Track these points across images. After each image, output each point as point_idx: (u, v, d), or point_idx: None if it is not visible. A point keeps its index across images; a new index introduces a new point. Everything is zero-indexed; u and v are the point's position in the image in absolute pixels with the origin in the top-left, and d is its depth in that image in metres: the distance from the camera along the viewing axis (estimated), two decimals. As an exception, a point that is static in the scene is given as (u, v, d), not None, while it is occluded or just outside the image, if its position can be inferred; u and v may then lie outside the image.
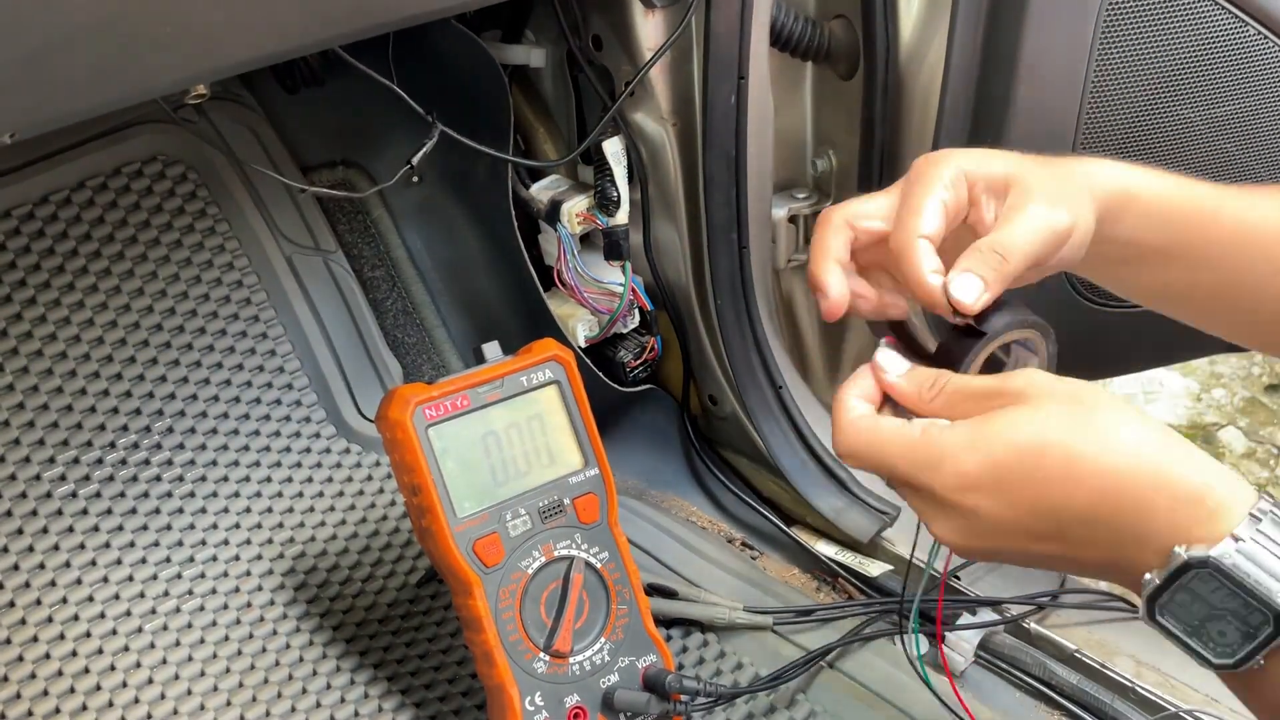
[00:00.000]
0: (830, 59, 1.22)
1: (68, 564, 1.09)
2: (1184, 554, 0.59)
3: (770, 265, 1.27)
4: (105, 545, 1.11)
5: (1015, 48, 1.09)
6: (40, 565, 1.08)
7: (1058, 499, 0.61)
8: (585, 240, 1.28)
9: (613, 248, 1.25)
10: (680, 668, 1.06)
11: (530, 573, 0.93)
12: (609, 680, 0.95)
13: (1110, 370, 1.57)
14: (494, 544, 0.92)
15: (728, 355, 1.25)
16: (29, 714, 0.99)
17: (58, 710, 1.00)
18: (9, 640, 1.03)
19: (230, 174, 1.29)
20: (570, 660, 0.93)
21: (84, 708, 1.00)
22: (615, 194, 1.23)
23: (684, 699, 0.96)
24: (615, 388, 1.31)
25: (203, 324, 1.24)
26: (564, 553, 0.95)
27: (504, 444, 0.95)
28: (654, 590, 1.12)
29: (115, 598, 1.08)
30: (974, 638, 1.09)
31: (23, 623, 1.04)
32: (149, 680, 1.03)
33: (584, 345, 1.28)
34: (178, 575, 1.12)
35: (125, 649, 1.05)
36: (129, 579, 1.10)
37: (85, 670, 1.03)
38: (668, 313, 1.30)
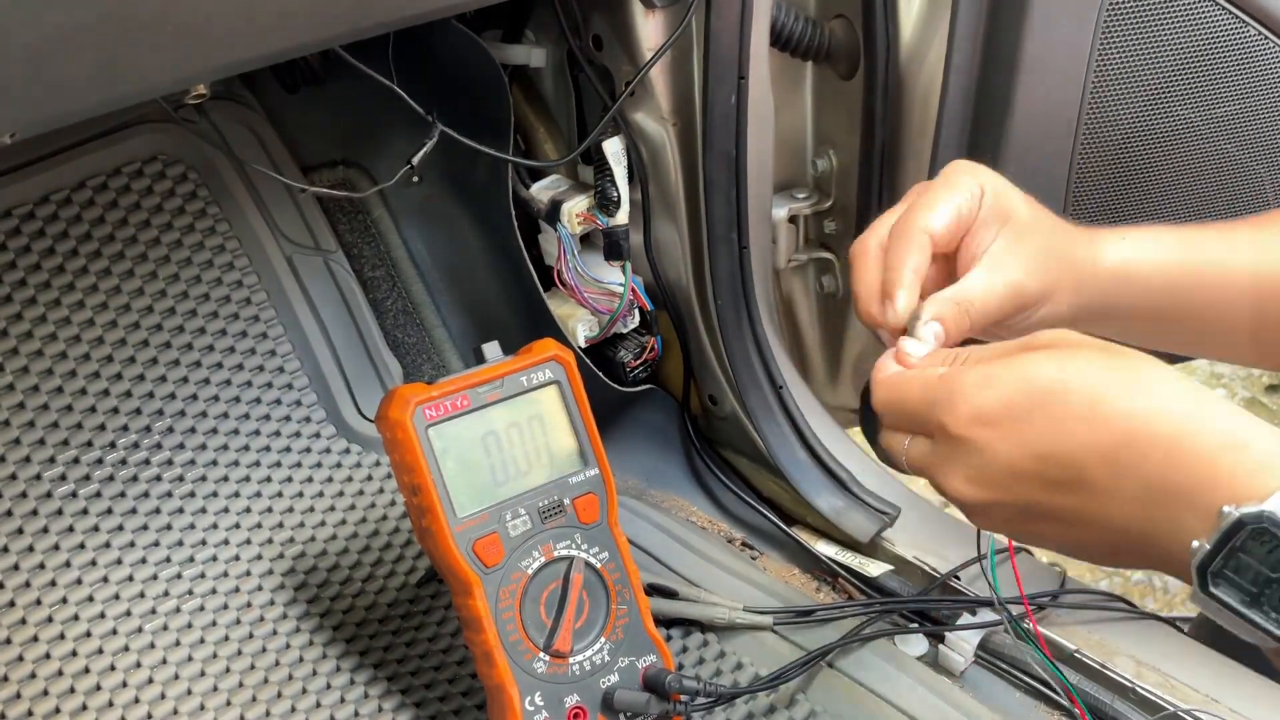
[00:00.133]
0: (830, 59, 1.22)
1: (68, 564, 1.09)
2: (1235, 511, 0.54)
3: (771, 265, 1.27)
4: (105, 545, 1.11)
5: (1016, 47, 1.09)
6: (40, 565, 1.08)
7: (1080, 440, 0.57)
8: (585, 240, 1.28)
9: (613, 248, 1.25)
10: (680, 668, 1.06)
11: (530, 573, 0.93)
12: (609, 680, 0.95)
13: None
14: (494, 544, 0.92)
15: (728, 355, 1.25)
16: (29, 714, 0.99)
17: (58, 710, 1.00)
18: (9, 640, 1.03)
19: (230, 174, 1.29)
20: (570, 660, 0.93)
21: (84, 707, 1.00)
22: (615, 194, 1.23)
23: (684, 699, 0.96)
24: (615, 388, 1.31)
25: (203, 324, 1.24)
26: (564, 553, 0.95)
27: (504, 444, 0.95)
28: (654, 590, 1.11)
29: (115, 597, 1.08)
30: (974, 638, 1.09)
31: (23, 622, 1.04)
32: (149, 680, 1.03)
33: (584, 345, 1.28)
34: (178, 575, 1.12)
35: (125, 649, 1.05)
36: (129, 579, 1.10)
37: (85, 670, 1.03)
38: (668, 313, 1.30)
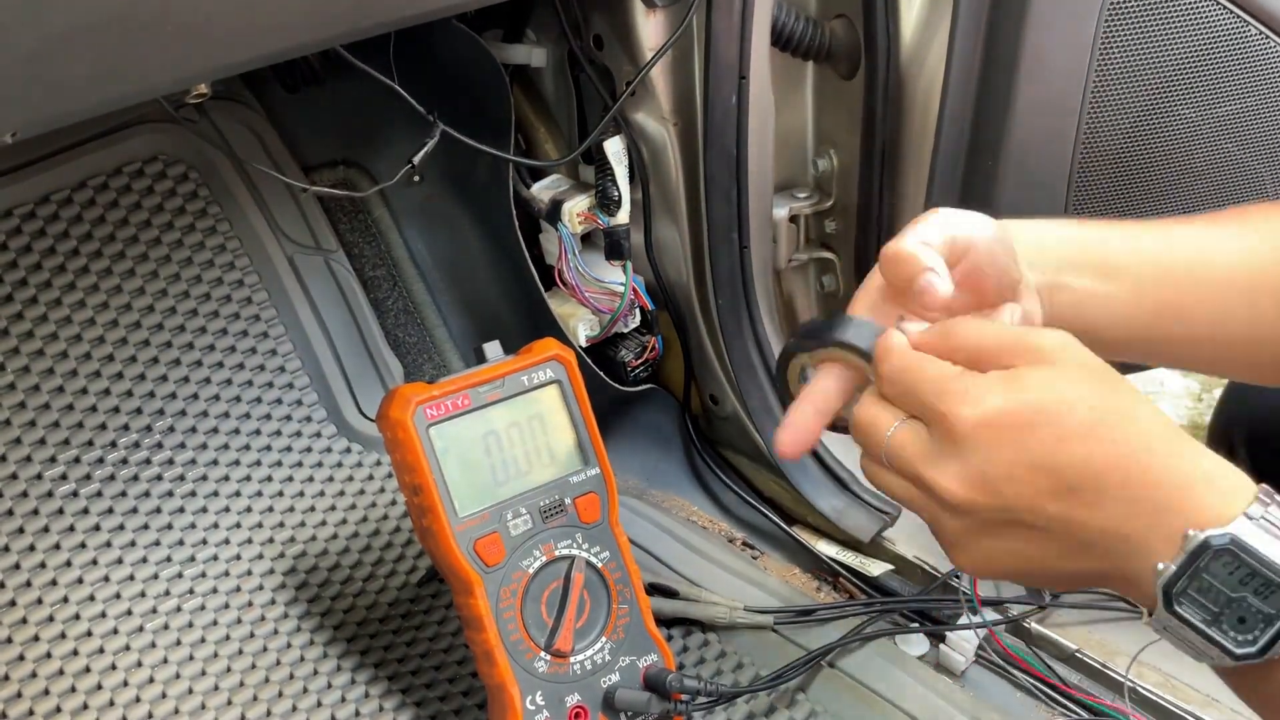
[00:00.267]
0: (831, 59, 1.22)
1: (69, 563, 1.09)
2: (1201, 534, 0.57)
3: (771, 265, 1.27)
4: (107, 544, 1.11)
5: (1016, 47, 1.09)
6: (42, 564, 1.08)
7: (1076, 457, 0.60)
8: (586, 240, 1.28)
9: (614, 247, 1.25)
10: (681, 667, 1.06)
11: (531, 572, 0.93)
12: (610, 680, 0.95)
13: (1131, 366, 1.56)
14: (495, 543, 0.92)
15: (729, 355, 1.25)
16: (30, 713, 0.99)
17: (59, 709, 1.00)
18: (10, 639, 1.03)
19: (231, 174, 1.29)
20: (571, 660, 0.93)
21: (85, 707, 1.00)
22: (616, 193, 1.23)
23: (685, 698, 0.96)
24: (616, 387, 1.31)
25: (204, 323, 1.24)
26: (565, 552, 0.95)
27: (505, 443, 0.95)
28: (655, 590, 1.11)
29: (116, 597, 1.08)
30: (974, 638, 1.09)
31: (24, 622, 1.04)
32: (150, 679, 1.03)
33: (585, 345, 1.28)
34: (179, 574, 1.12)
35: (126, 648, 1.05)
36: (130, 578, 1.10)
37: (86, 669, 1.03)
38: (669, 312, 1.30)
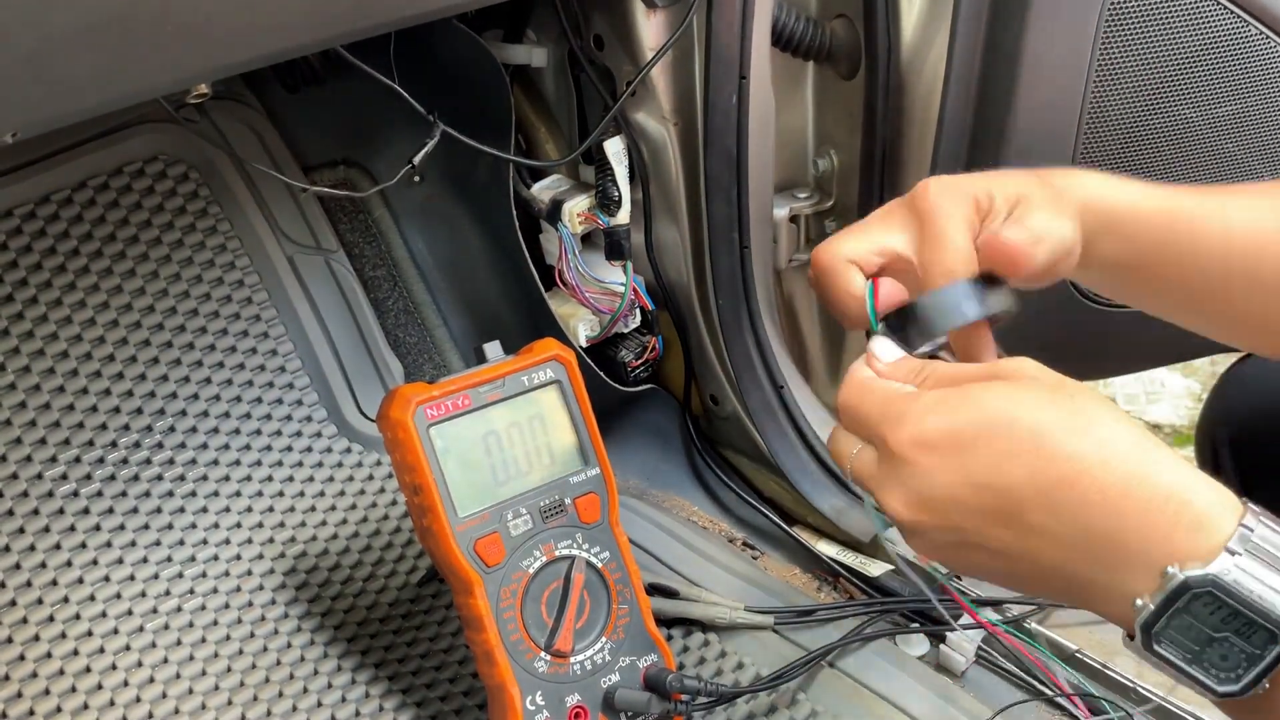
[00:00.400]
0: (832, 59, 1.22)
1: (69, 563, 1.09)
2: (1180, 574, 0.54)
3: (772, 265, 1.27)
4: (107, 544, 1.11)
5: (1017, 47, 1.09)
6: (42, 564, 1.08)
7: (1019, 476, 0.57)
8: (586, 240, 1.28)
9: (614, 247, 1.25)
10: (681, 667, 1.06)
11: (531, 572, 0.93)
12: (610, 680, 0.95)
13: (1111, 370, 1.57)
14: (495, 543, 0.92)
15: (729, 355, 1.25)
16: (30, 713, 0.99)
17: (59, 709, 1.00)
18: (11, 639, 1.03)
19: (231, 173, 1.29)
20: (571, 660, 0.93)
21: (85, 707, 1.00)
22: (616, 193, 1.23)
23: (685, 698, 0.96)
24: (616, 387, 1.31)
25: (204, 323, 1.24)
26: (565, 552, 0.95)
27: (505, 443, 0.95)
28: (655, 590, 1.11)
29: (117, 597, 1.08)
30: (975, 637, 1.09)
31: (24, 621, 1.04)
32: (150, 679, 1.03)
33: (585, 345, 1.28)
34: (179, 574, 1.12)
35: (127, 648, 1.05)
36: (130, 578, 1.10)
37: (87, 669, 1.03)
38: (669, 312, 1.30)
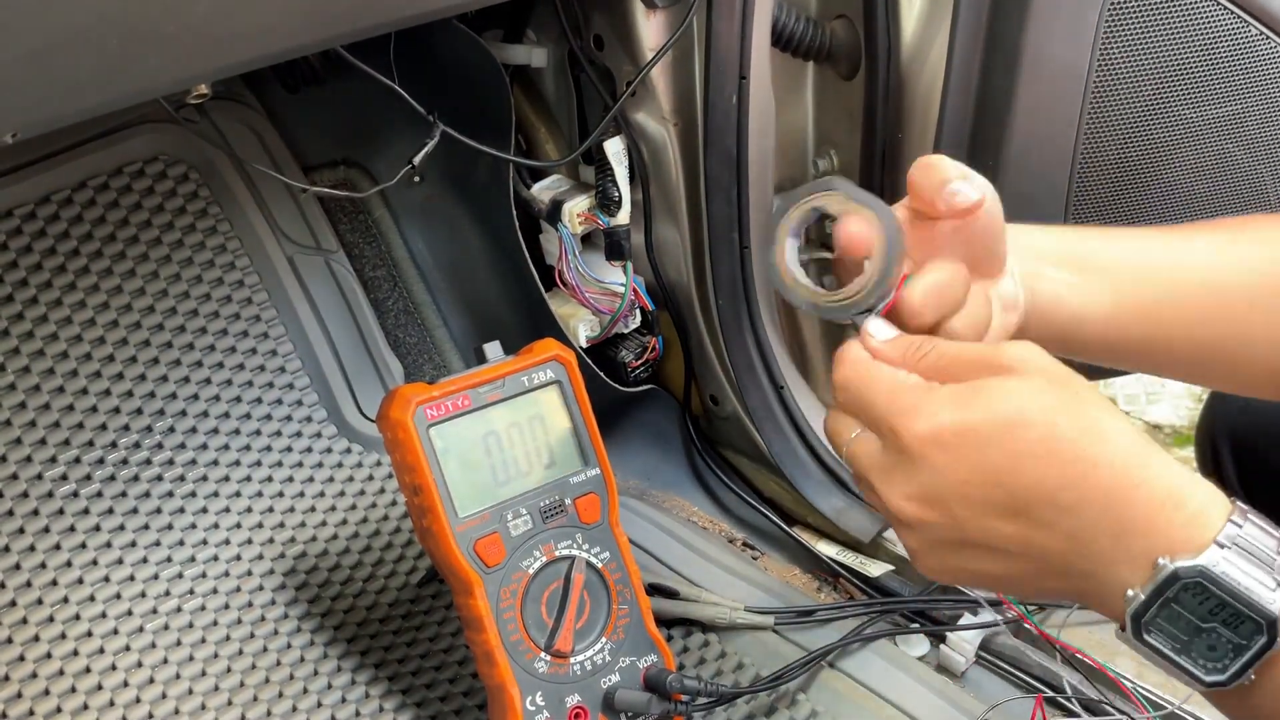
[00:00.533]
0: (832, 59, 1.22)
1: (69, 563, 1.09)
2: (1170, 564, 0.56)
3: (771, 265, 1.27)
4: (107, 545, 1.11)
5: (1017, 47, 1.09)
6: (42, 565, 1.08)
7: (1031, 475, 0.59)
8: (587, 240, 1.28)
9: (614, 248, 1.25)
10: (681, 668, 1.06)
11: (531, 572, 0.93)
12: (610, 680, 0.95)
13: (1112, 370, 1.57)
14: (495, 544, 0.92)
15: (729, 355, 1.25)
16: (30, 713, 0.99)
17: (59, 710, 1.00)
18: (11, 639, 1.03)
19: (232, 174, 1.29)
20: (571, 660, 0.93)
21: (85, 707, 1.00)
22: (616, 194, 1.23)
23: (685, 699, 0.96)
24: (616, 388, 1.31)
25: (204, 324, 1.24)
26: (565, 552, 0.95)
27: (505, 444, 0.95)
28: (655, 590, 1.11)
29: (117, 597, 1.08)
30: (975, 638, 1.09)
31: (24, 622, 1.04)
32: (150, 680, 1.03)
33: (585, 345, 1.28)
34: (179, 575, 1.12)
35: (127, 648, 1.05)
36: (130, 578, 1.10)
37: (87, 670, 1.03)
38: (669, 313, 1.30)
